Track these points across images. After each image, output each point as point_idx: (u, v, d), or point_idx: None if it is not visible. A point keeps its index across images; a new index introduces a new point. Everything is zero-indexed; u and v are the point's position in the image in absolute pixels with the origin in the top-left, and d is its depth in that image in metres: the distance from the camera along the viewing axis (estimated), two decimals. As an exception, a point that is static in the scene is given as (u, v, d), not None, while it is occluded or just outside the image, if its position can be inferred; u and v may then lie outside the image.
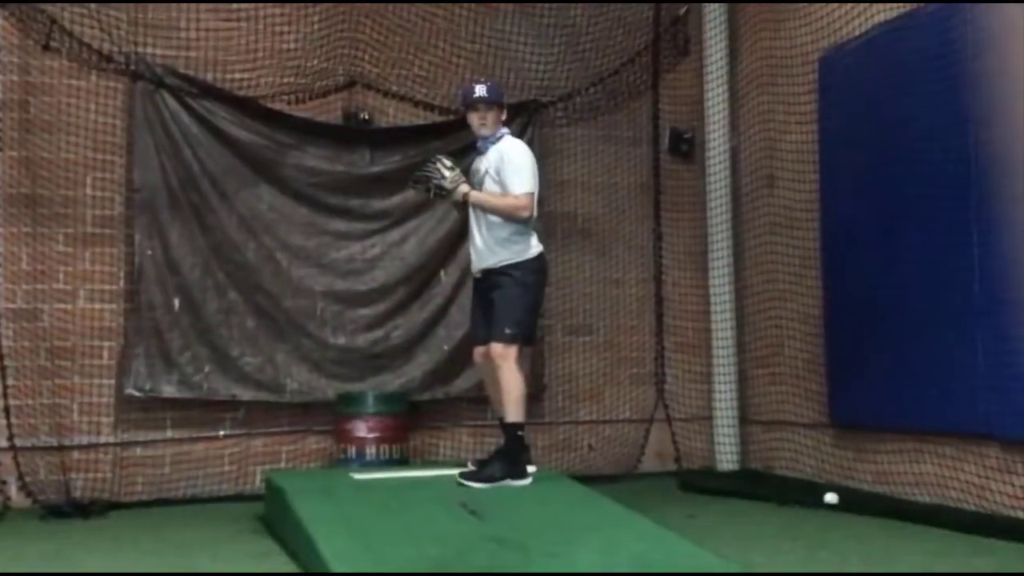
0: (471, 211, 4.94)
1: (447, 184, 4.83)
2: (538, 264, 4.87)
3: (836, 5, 5.90)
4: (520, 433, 4.72)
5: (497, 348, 4.71)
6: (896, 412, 5.44)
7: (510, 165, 4.81)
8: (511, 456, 4.70)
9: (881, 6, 5.55)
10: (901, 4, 5.40)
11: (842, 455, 5.95)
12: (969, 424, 4.94)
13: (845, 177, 5.88)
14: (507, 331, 4.70)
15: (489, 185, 4.88)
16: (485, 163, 4.93)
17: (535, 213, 4.89)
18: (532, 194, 4.82)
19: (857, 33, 5.75)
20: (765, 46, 6.70)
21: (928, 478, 5.22)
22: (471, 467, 4.85)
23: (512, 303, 4.74)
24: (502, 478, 4.61)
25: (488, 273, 4.85)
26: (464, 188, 4.84)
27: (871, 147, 5.63)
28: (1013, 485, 4.68)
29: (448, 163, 4.90)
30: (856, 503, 5.32)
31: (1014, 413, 4.66)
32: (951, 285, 5.00)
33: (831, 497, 5.38)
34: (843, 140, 5.89)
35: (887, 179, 5.47)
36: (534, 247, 4.86)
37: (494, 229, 4.83)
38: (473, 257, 4.97)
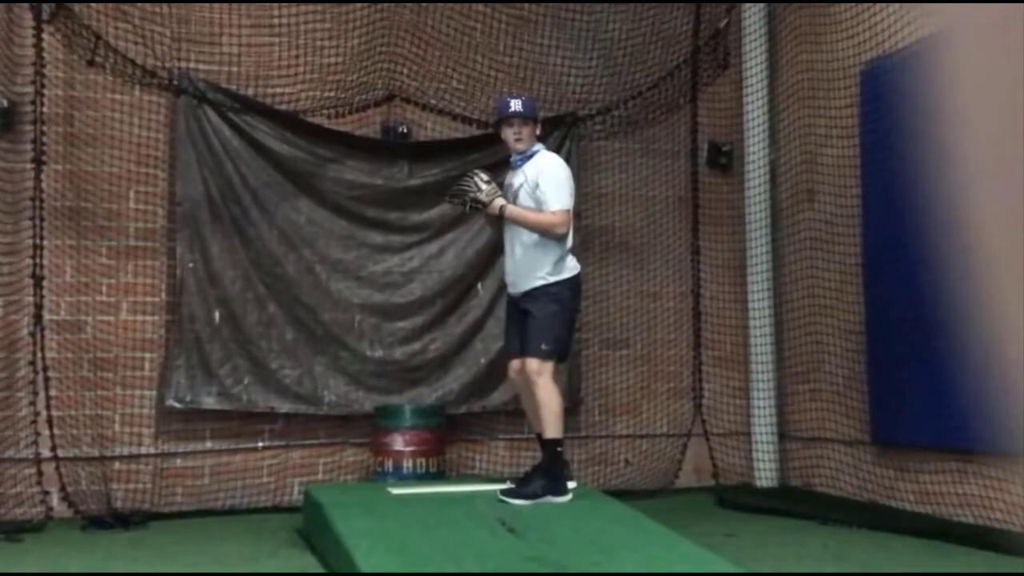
0: (506, 229, 4.93)
1: (483, 198, 4.83)
2: (575, 282, 4.86)
3: (880, 18, 5.83)
4: (559, 449, 4.71)
5: (533, 364, 4.69)
6: (939, 430, 5.36)
7: (548, 180, 4.78)
8: (551, 472, 4.69)
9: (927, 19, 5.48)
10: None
11: (883, 473, 5.87)
12: (1015, 443, 4.84)
13: (888, 191, 5.81)
14: (543, 347, 4.68)
15: (524, 200, 4.83)
16: (520, 178, 4.90)
17: (571, 230, 4.86)
18: (568, 211, 4.79)
19: (900, 46, 5.68)
20: (805, 59, 6.65)
21: (973, 499, 5.14)
22: (510, 484, 4.85)
23: (548, 319, 4.73)
24: (543, 495, 4.60)
25: (524, 294, 4.84)
26: (500, 202, 4.82)
27: (914, 161, 5.56)
28: (1061, 507, 4.59)
29: (485, 177, 4.89)
30: (898, 523, 5.24)
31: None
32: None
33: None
34: (885, 154, 5.83)
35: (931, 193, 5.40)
36: (571, 267, 4.83)
37: (529, 250, 4.80)
38: (508, 277, 4.95)
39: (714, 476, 6.90)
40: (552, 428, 4.68)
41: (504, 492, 4.64)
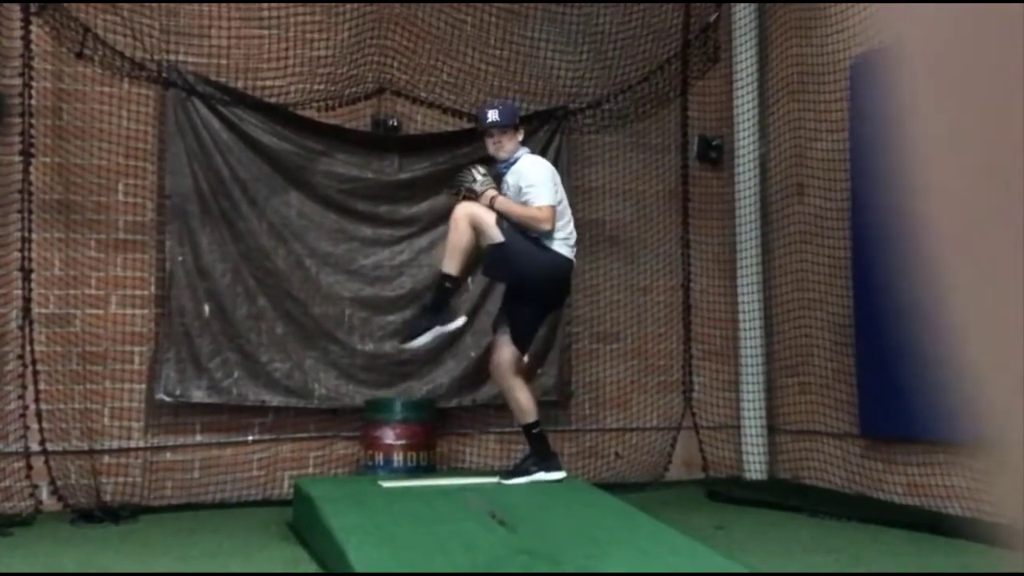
0: None
1: (477, 187, 4.99)
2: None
3: (870, 11, 5.85)
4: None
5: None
6: (927, 423, 5.38)
7: (529, 182, 4.93)
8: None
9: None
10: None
11: (872, 466, 5.90)
12: (993, 436, 4.87)
13: (877, 185, 5.83)
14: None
15: None
16: (505, 185, 5.09)
17: (556, 227, 4.96)
18: (553, 207, 4.91)
19: (890, 40, 5.69)
20: (795, 52, 6.66)
21: (960, 491, 5.17)
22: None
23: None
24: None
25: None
26: (492, 192, 4.97)
27: (903, 155, 5.58)
28: (1048, 499, 4.62)
29: (483, 170, 5.12)
30: (887, 515, 5.27)
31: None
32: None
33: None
34: (875, 148, 5.85)
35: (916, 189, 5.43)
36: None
37: None
38: None
39: (704, 469, 6.92)
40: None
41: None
